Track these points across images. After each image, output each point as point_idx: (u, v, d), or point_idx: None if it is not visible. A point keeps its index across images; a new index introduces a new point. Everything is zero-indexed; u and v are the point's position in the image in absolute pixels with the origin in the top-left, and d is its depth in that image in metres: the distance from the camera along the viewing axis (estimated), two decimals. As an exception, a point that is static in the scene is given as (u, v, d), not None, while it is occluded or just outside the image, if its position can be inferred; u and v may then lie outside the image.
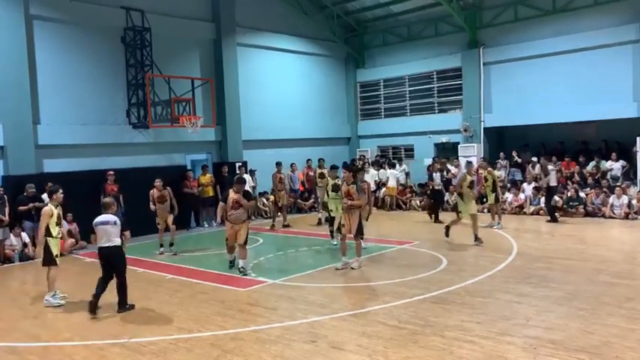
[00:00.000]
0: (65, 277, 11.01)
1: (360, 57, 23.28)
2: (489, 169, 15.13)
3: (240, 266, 10.18)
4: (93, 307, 7.89)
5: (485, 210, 15.92)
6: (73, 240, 13.37)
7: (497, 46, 19.30)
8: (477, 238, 12.03)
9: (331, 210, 12.66)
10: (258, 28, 19.55)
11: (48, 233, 8.49)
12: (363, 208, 10.56)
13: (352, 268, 10.12)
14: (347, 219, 10.25)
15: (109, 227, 8.06)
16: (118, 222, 8.11)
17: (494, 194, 14.59)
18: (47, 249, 8.50)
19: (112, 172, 14.54)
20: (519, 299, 7.86)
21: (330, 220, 12.88)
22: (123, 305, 8.07)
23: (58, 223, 8.71)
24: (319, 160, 17.34)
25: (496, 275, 9.35)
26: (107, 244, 8.03)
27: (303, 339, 6.64)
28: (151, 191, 12.57)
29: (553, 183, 15.08)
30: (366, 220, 11.42)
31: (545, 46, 18.14)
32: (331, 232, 12.84)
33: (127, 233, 8.31)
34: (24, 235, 12.78)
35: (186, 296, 8.85)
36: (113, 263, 8.06)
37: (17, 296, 9.68)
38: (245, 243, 10.15)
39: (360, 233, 10.30)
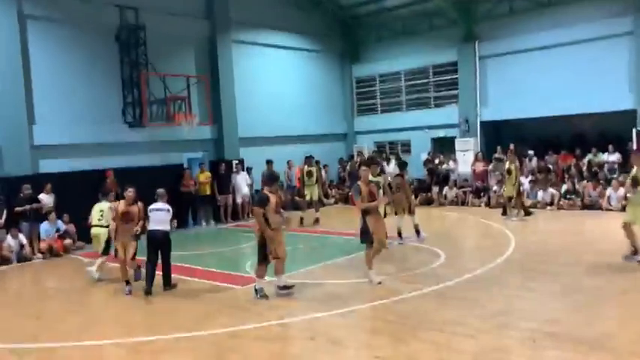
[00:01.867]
0: (63, 278, 11.01)
1: (355, 52, 23.23)
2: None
3: (284, 284, 8.46)
4: (149, 289, 8.68)
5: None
6: (70, 240, 13.32)
7: (492, 40, 19.28)
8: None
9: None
10: (253, 24, 19.48)
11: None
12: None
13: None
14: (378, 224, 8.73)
15: (162, 214, 9.02)
16: (171, 211, 9.12)
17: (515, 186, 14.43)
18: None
19: (111, 172, 14.52)
20: (518, 292, 7.87)
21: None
22: (168, 283, 8.99)
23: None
24: (306, 157, 16.66)
25: (494, 269, 9.36)
26: (159, 228, 8.92)
27: (303, 336, 6.64)
28: (116, 203, 9.51)
29: None
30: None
31: (540, 39, 18.13)
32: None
33: (174, 222, 9.52)
34: (21, 236, 12.73)
35: (185, 295, 8.84)
36: (162, 246, 8.95)
37: (15, 297, 9.65)
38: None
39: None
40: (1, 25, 13.49)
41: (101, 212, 10.47)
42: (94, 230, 10.57)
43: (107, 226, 9.86)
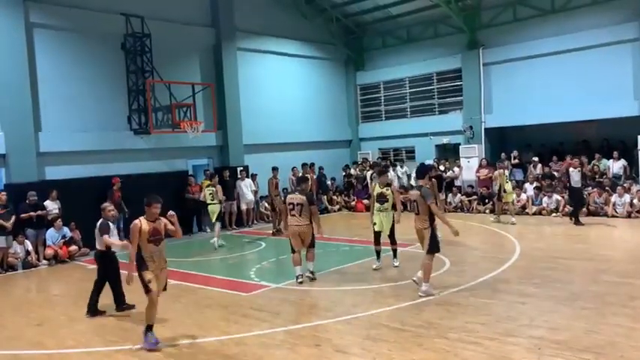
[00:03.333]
0: (68, 284, 11.05)
1: (359, 59, 23.30)
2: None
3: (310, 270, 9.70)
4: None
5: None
6: (75, 247, 13.36)
7: (496, 47, 19.30)
8: None
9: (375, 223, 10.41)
10: (258, 32, 19.58)
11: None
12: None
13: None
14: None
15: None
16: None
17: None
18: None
19: (117, 179, 14.59)
20: (523, 300, 7.84)
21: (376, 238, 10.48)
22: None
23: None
24: (303, 165, 16.84)
25: (500, 276, 9.33)
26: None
27: (307, 343, 6.63)
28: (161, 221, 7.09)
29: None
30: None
31: (544, 46, 18.14)
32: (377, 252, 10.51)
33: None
34: (27, 242, 12.79)
35: (189, 302, 8.85)
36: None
37: (21, 304, 9.68)
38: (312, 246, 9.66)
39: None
40: (8, 34, 13.63)
41: (210, 193, 14.01)
42: (210, 207, 14.07)
43: (220, 202, 14.03)
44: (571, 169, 14.57)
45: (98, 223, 8.34)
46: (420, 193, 8.34)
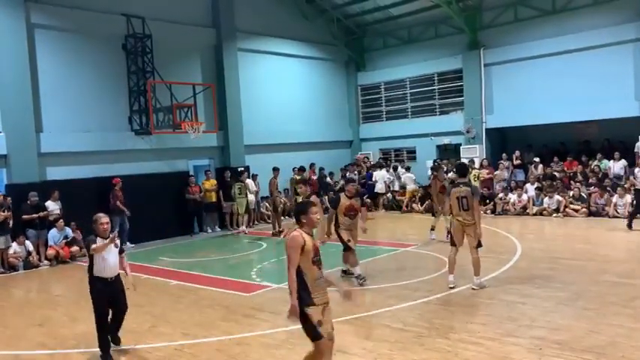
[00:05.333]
0: (70, 284, 11.07)
1: (360, 60, 23.31)
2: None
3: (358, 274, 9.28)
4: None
5: None
6: (77, 247, 13.38)
7: (497, 47, 19.29)
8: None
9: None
10: (259, 33, 19.58)
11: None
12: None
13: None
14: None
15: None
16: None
17: None
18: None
19: (118, 179, 14.61)
20: (524, 300, 7.85)
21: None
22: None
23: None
24: (299, 168, 16.64)
25: (501, 276, 9.33)
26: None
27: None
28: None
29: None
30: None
31: (545, 47, 18.13)
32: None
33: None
34: (28, 243, 12.80)
35: (191, 302, 8.86)
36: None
37: (22, 304, 9.70)
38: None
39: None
40: (9, 34, 13.64)
41: (239, 188, 16.29)
42: (238, 201, 16.31)
43: (246, 196, 16.13)
44: (637, 170, 14.19)
45: (85, 240, 6.71)
46: (470, 189, 8.58)
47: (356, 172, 20.35)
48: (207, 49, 18.19)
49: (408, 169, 20.20)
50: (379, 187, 19.74)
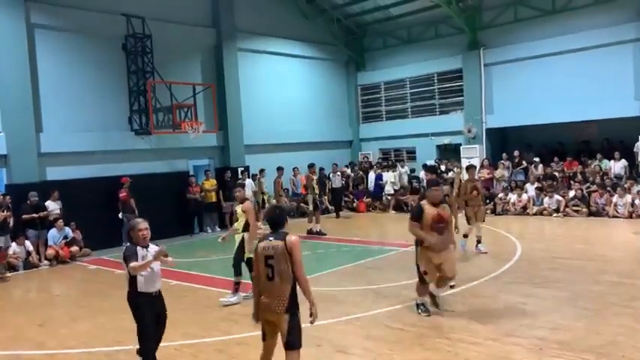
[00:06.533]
0: (69, 284, 11.06)
1: (360, 60, 23.31)
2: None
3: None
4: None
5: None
6: (77, 247, 13.38)
7: (497, 47, 19.29)
8: None
9: None
10: (259, 32, 19.58)
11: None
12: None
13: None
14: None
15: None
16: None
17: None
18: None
19: (127, 178, 14.69)
20: (524, 300, 7.84)
21: None
22: None
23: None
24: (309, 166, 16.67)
25: (501, 276, 9.33)
26: None
27: (308, 343, 6.61)
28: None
29: None
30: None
31: (545, 46, 18.13)
32: None
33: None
34: (27, 243, 12.80)
35: (190, 302, 8.85)
36: None
37: (22, 304, 9.69)
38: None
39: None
40: (9, 34, 13.64)
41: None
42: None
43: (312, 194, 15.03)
44: None
45: (123, 250, 5.70)
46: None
47: (339, 173, 19.78)
48: (207, 49, 18.18)
49: (412, 171, 20.13)
50: (388, 189, 19.74)
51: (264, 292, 4.83)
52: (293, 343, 4.77)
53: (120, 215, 14.55)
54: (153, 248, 5.54)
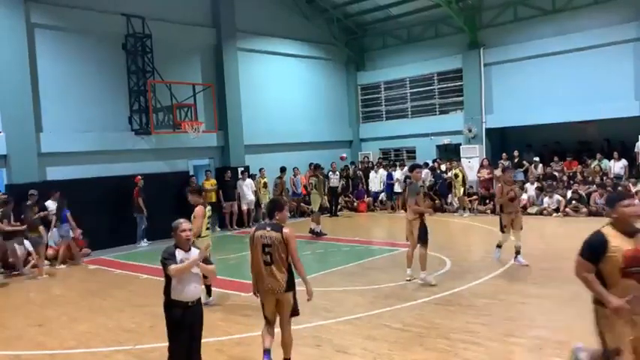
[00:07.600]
0: (69, 284, 11.06)
1: (360, 60, 23.31)
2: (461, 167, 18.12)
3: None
4: None
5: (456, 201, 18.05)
6: (77, 247, 13.36)
7: (497, 47, 19.29)
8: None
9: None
10: (259, 32, 19.58)
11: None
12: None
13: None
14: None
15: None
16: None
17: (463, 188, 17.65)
18: None
19: (139, 177, 14.81)
20: (524, 300, 7.84)
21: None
22: None
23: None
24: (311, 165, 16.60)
25: (501, 276, 9.33)
26: None
27: (308, 343, 6.63)
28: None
29: None
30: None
31: (545, 46, 18.13)
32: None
33: None
34: (27, 243, 12.76)
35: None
36: None
37: (22, 304, 9.69)
38: None
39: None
40: (9, 34, 13.63)
41: (311, 183, 15.39)
42: (311, 196, 15.42)
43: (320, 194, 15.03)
44: None
45: (161, 253, 5.23)
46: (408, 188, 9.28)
47: (337, 172, 19.48)
48: (207, 49, 18.18)
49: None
50: (397, 188, 19.67)
51: (263, 274, 5.58)
52: (295, 311, 5.76)
53: (134, 214, 14.78)
54: (195, 252, 5.20)
